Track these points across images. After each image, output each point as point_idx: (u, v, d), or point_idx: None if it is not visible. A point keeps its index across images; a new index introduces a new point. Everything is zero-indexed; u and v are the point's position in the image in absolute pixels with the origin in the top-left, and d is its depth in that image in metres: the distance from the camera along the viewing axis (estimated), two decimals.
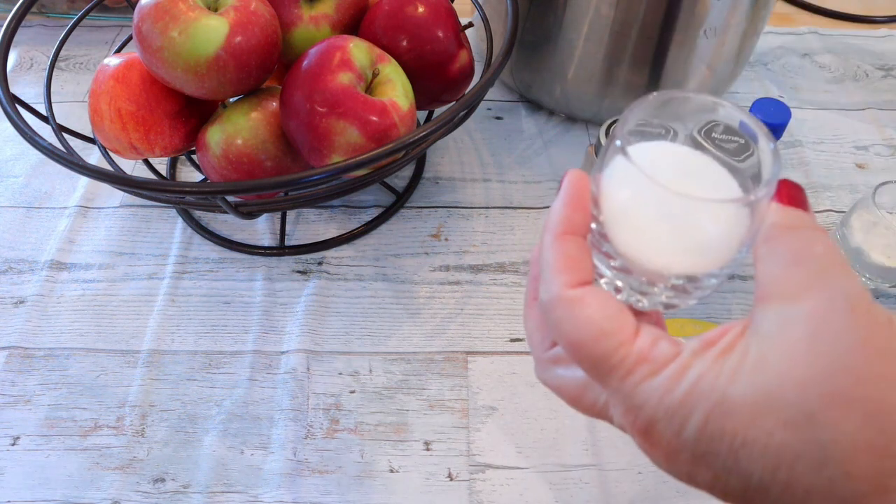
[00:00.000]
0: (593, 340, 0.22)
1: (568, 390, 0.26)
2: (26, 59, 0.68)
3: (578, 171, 0.24)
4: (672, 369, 0.21)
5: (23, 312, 0.48)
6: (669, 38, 0.53)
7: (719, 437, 0.20)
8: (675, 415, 0.20)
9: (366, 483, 0.41)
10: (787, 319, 0.20)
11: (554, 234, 0.24)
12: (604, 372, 0.22)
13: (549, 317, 0.23)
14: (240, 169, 0.45)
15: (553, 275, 0.23)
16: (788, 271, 0.21)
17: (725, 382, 0.20)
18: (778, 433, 0.19)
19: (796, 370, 0.19)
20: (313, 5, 0.47)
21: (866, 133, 0.62)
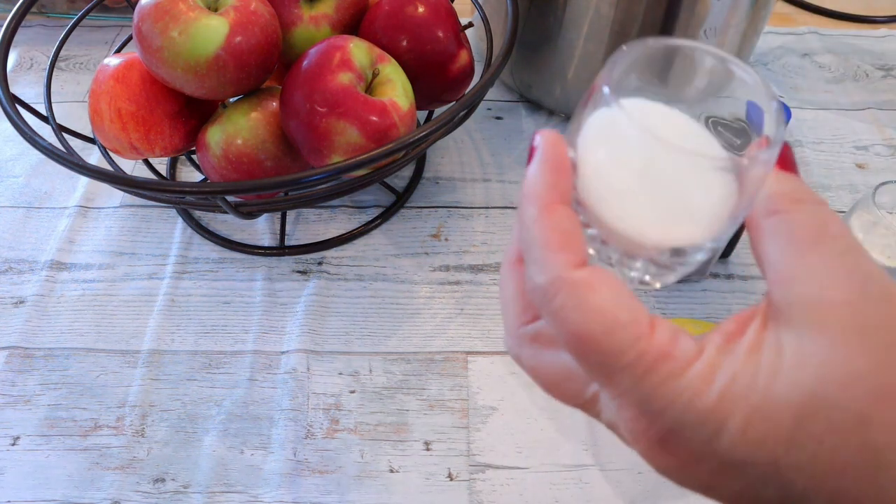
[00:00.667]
0: (606, 332, 0.19)
1: (547, 374, 0.23)
2: (26, 59, 0.68)
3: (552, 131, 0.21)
4: (699, 368, 0.18)
5: (23, 312, 0.48)
6: None
7: (759, 445, 0.18)
8: (707, 420, 0.18)
9: (366, 483, 0.41)
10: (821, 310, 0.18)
11: (540, 205, 0.20)
12: (615, 369, 0.19)
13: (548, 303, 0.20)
14: (240, 169, 0.45)
15: (549, 253, 0.20)
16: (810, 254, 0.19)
17: (765, 384, 0.18)
18: (828, 438, 0.17)
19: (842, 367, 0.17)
20: (313, 5, 0.47)
21: (866, 133, 0.63)
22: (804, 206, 0.20)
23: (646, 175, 0.20)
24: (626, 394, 0.19)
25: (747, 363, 0.18)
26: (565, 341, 0.20)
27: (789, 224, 0.19)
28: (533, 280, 0.20)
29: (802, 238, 0.19)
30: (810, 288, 0.18)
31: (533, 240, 0.20)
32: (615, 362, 0.19)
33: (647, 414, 0.19)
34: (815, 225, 0.19)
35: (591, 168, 0.21)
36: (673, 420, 0.18)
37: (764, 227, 0.20)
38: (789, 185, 0.20)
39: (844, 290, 0.18)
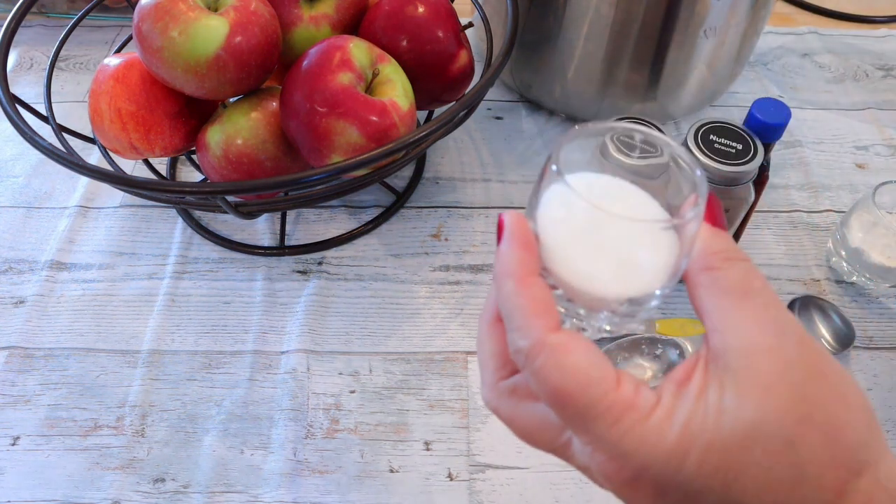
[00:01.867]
0: (581, 389, 0.22)
1: (523, 423, 0.26)
2: (26, 59, 0.68)
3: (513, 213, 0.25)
4: (659, 415, 0.21)
5: (23, 312, 0.48)
6: (669, 38, 0.53)
7: (713, 474, 0.21)
8: (670, 458, 0.21)
9: (366, 483, 0.41)
10: (752, 355, 0.21)
11: (517, 279, 0.23)
12: (588, 419, 0.22)
13: (530, 364, 0.23)
14: (240, 169, 0.45)
15: (529, 320, 0.23)
16: (738, 308, 0.22)
17: (713, 422, 0.21)
18: (765, 461, 0.20)
19: (773, 402, 0.21)
20: (313, 5, 0.47)
21: (866, 133, 0.63)
22: (733, 264, 0.23)
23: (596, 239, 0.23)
24: (599, 440, 0.22)
25: (697, 406, 0.21)
26: (545, 396, 0.23)
27: (721, 280, 0.23)
28: (516, 344, 0.23)
29: (731, 292, 0.22)
30: (741, 337, 0.22)
31: (514, 309, 0.23)
32: (588, 414, 0.22)
33: (618, 457, 0.22)
34: (742, 281, 0.23)
35: (551, 238, 0.24)
36: (641, 460, 0.21)
37: (699, 282, 0.23)
38: (720, 243, 0.24)
39: (770, 338, 0.22)
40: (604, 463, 0.22)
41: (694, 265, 0.24)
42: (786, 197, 0.57)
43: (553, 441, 0.25)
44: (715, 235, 0.24)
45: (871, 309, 0.50)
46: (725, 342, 0.22)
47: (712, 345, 0.22)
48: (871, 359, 0.47)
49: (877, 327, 0.49)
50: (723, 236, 0.24)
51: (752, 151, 0.43)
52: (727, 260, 0.23)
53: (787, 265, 0.52)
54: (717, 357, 0.22)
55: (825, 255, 0.53)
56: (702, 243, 0.24)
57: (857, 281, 0.50)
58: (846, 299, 0.50)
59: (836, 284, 0.51)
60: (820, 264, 0.52)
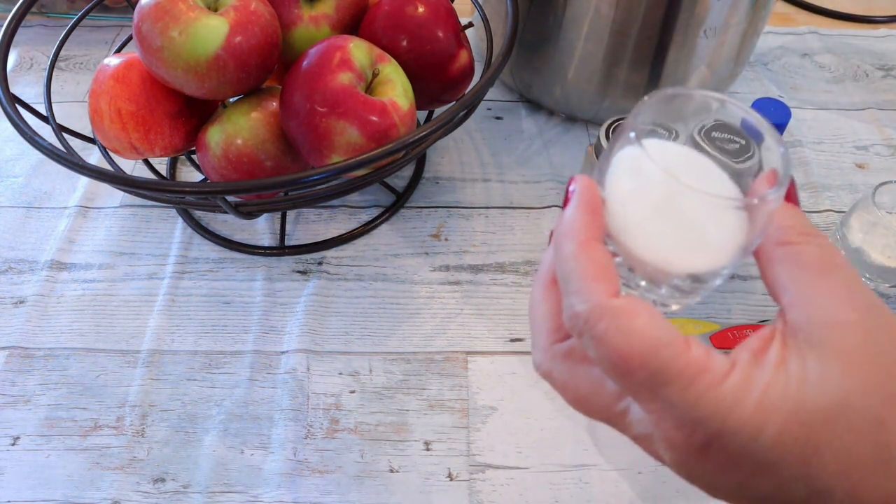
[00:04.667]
0: (650, 351, 0.21)
1: (577, 389, 0.24)
2: (26, 59, 0.68)
3: (586, 177, 0.24)
4: (736, 380, 0.20)
5: (23, 312, 0.48)
6: (669, 38, 0.53)
7: (792, 446, 0.20)
8: (747, 424, 0.20)
9: (366, 483, 0.41)
10: (836, 330, 0.21)
11: (578, 242, 0.23)
12: (658, 384, 0.21)
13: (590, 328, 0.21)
14: (240, 169, 0.45)
15: (589, 284, 0.22)
16: (820, 282, 0.21)
17: (795, 393, 0.20)
18: (848, 438, 0.20)
19: (859, 377, 0.20)
20: (313, 5, 0.47)
21: (866, 133, 0.63)
22: (811, 239, 0.22)
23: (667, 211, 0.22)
24: (669, 406, 0.21)
25: (777, 375, 0.20)
26: (608, 362, 0.21)
27: (799, 254, 0.22)
28: (574, 308, 0.22)
29: (812, 267, 0.22)
30: (824, 311, 0.21)
31: (572, 272, 0.22)
32: (659, 378, 0.21)
33: (690, 423, 0.21)
34: (823, 256, 0.22)
35: (619, 204, 0.23)
36: (716, 426, 0.20)
37: (775, 256, 0.22)
38: (796, 219, 0.23)
39: (854, 313, 0.21)
40: (671, 430, 0.21)
41: (769, 240, 0.23)
42: None
43: (609, 408, 0.24)
44: (790, 210, 0.23)
45: None
46: (808, 316, 0.21)
47: (791, 318, 0.21)
48: None
49: None
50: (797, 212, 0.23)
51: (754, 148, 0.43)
52: (805, 235, 0.22)
53: None
54: (798, 331, 0.21)
55: None
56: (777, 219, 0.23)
57: None
58: None
59: None
60: None
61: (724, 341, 0.45)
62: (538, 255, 0.52)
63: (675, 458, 0.22)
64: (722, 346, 0.45)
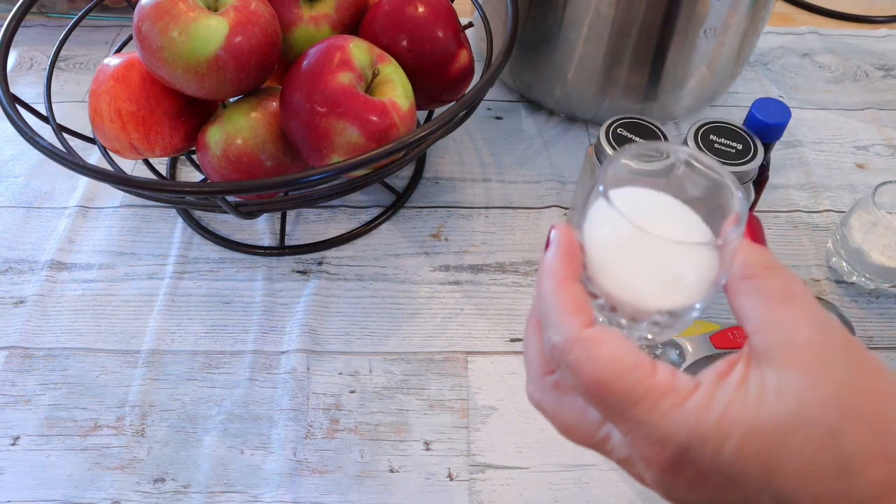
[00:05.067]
0: (617, 375, 0.22)
1: (565, 417, 0.26)
2: (26, 59, 0.68)
3: (563, 225, 0.26)
4: (699, 398, 0.22)
5: (23, 312, 0.48)
6: (669, 38, 0.53)
7: (754, 458, 0.21)
8: (710, 439, 0.21)
9: (366, 483, 0.41)
10: (793, 350, 0.22)
11: (556, 281, 0.25)
12: (627, 405, 0.22)
13: (564, 358, 0.23)
14: (240, 169, 0.45)
15: (564, 317, 0.24)
16: (780, 309, 0.23)
17: (754, 407, 0.21)
18: (807, 449, 0.20)
19: (814, 392, 0.21)
20: (313, 5, 0.47)
21: (866, 133, 0.63)
22: (773, 272, 0.24)
23: (639, 255, 0.24)
24: (639, 426, 0.22)
25: (738, 393, 0.22)
26: (582, 389, 0.23)
27: (762, 286, 0.24)
28: (551, 340, 0.24)
29: (773, 296, 0.23)
30: (783, 334, 0.22)
31: (550, 307, 0.24)
32: (627, 400, 0.22)
33: (659, 440, 0.22)
34: (782, 286, 0.24)
35: (595, 250, 0.26)
36: (681, 441, 0.21)
37: (740, 289, 0.24)
38: (759, 255, 0.25)
39: (810, 334, 0.22)
40: (644, 448, 0.22)
41: (734, 275, 0.25)
42: (786, 197, 0.57)
43: (592, 435, 0.25)
44: (754, 248, 0.25)
45: (871, 309, 0.50)
46: (768, 340, 0.22)
47: (754, 344, 0.23)
48: None
49: (877, 327, 0.49)
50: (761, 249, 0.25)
51: (752, 151, 0.43)
52: (766, 269, 0.24)
53: (786, 265, 0.52)
54: (759, 354, 0.22)
55: (825, 255, 0.53)
56: (742, 256, 0.25)
57: (857, 281, 0.50)
58: (846, 299, 0.50)
59: (836, 284, 0.51)
60: (820, 264, 0.52)
61: (724, 341, 0.45)
62: (538, 255, 0.52)
63: (653, 476, 0.23)
64: (722, 346, 0.45)
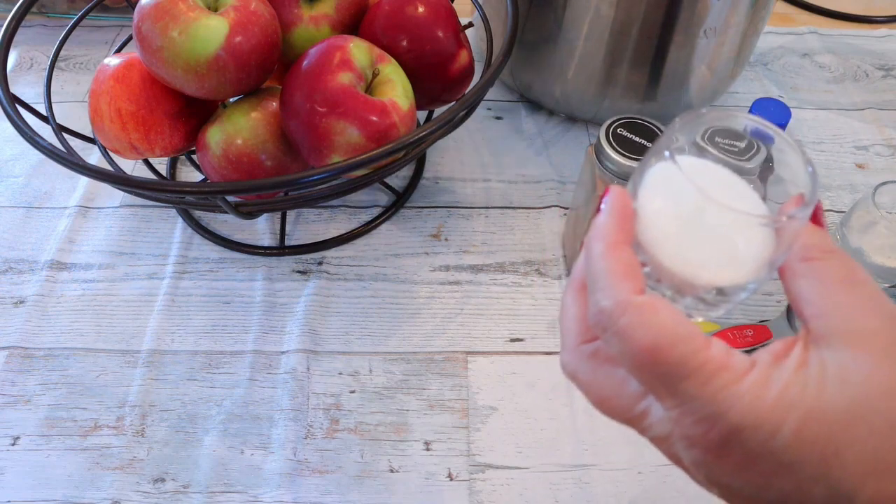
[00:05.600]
0: (670, 345, 0.21)
1: (601, 388, 0.25)
2: (26, 59, 0.68)
3: (619, 188, 0.25)
4: (755, 377, 0.21)
5: (23, 312, 0.48)
6: (669, 38, 0.53)
7: (811, 445, 0.20)
8: (765, 421, 0.20)
9: (366, 483, 0.41)
10: (858, 336, 0.21)
11: (607, 244, 0.24)
12: (679, 378, 0.21)
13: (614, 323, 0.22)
14: (240, 169, 0.45)
15: (616, 281, 0.23)
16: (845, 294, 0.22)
17: (815, 391, 0.20)
18: (870, 440, 0.20)
19: (879, 381, 0.20)
20: (313, 5, 0.47)
21: (866, 133, 0.63)
22: (834, 256, 0.23)
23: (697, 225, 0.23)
24: (689, 401, 0.21)
25: (797, 375, 0.21)
26: (631, 357, 0.22)
27: (823, 270, 0.23)
28: (599, 304, 0.23)
29: (835, 281, 0.22)
30: (846, 320, 0.21)
31: (600, 270, 0.23)
32: (679, 371, 0.21)
33: (709, 418, 0.21)
34: (846, 271, 0.23)
35: (650, 216, 0.24)
36: (734, 421, 0.20)
37: (799, 271, 0.23)
38: (820, 237, 0.24)
39: (876, 321, 0.21)
40: (690, 426, 0.21)
41: (793, 256, 0.24)
42: (786, 197, 0.57)
43: (629, 409, 0.24)
44: (814, 230, 0.24)
45: None
46: (829, 325, 0.22)
47: (814, 328, 0.22)
48: None
49: None
50: (821, 231, 0.24)
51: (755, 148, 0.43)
52: (827, 252, 0.23)
53: None
54: (820, 339, 0.22)
55: None
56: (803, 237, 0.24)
57: None
58: None
59: None
60: None
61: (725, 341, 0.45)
62: (538, 255, 0.52)
63: (694, 456, 0.22)
64: None
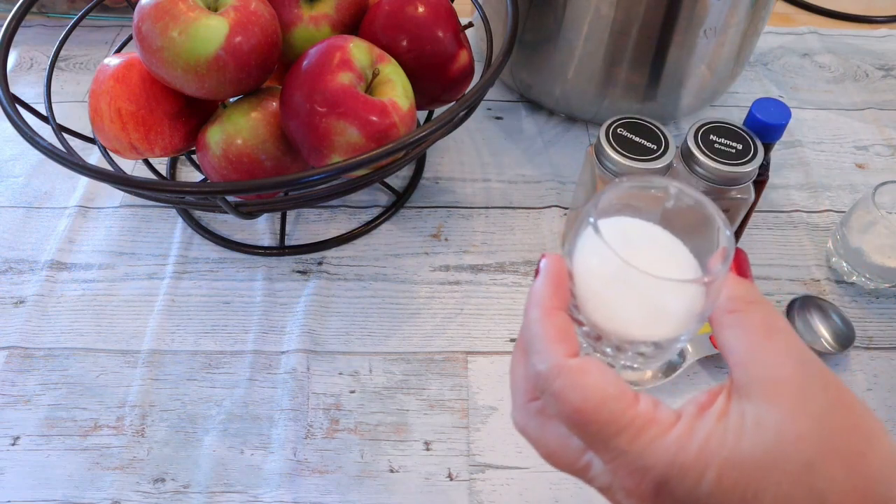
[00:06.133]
0: (600, 404, 0.23)
1: (548, 443, 0.26)
2: (26, 59, 0.68)
3: (555, 255, 0.27)
4: (680, 430, 0.22)
5: (23, 312, 0.48)
6: (669, 38, 0.53)
7: (732, 491, 0.21)
8: (689, 470, 0.21)
9: (366, 483, 0.41)
10: (773, 386, 0.22)
11: (542, 309, 0.25)
12: (610, 435, 0.22)
13: (549, 386, 0.24)
14: (240, 169, 0.45)
15: (549, 345, 0.24)
16: (764, 344, 0.23)
17: (733, 441, 0.22)
18: (784, 484, 0.21)
19: (792, 428, 0.21)
20: (313, 5, 0.47)
21: (866, 133, 0.63)
22: (756, 307, 0.25)
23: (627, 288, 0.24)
24: (620, 455, 0.23)
25: (717, 426, 0.22)
26: (565, 417, 0.23)
27: (745, 321, 0.24)
28: (535, 367, 0.24)
29: (756, 331, 0.24)
30: (764, 370, 0.23)
31: (536, 335, 0.25)
32: (609, 429, 0.23)
33: (640, 470, 0.22)
34: (766, 321, 0.24)
35: (584, 281, 0.26)
36: (661, 472, 0.22)
37: (724, 322, 0.25)
38: (743, 289, 0.25)
39: (789, 370, 0.23)
40: (625, 478, 0.23)
41: (719, 308, 0.25)
42: (786, 197, 0.57)
43: (574, 462, 0.25)
44: (739, 282, 0.25)
45: (871, 309, 0.50)
46: (749, 374, 0.23)
47: (736, 378, 0.23)
48: (871, 359, 0.47)
49: (877, 327, 0.49)
50: (746, 283, 0.25)
51: (753, 151, 0.43)
52: (751, 303, 0.25)
53: (786, 265, 0.52)
54: (741, 388, 0.23)
55: (825, 255, 0.53)
56: (727, 290, 0.25)
57: (857, 281, 0.50)
58: (846, 299, 0.50)
59: (836, 284, 0.51)
60: (820, 264, 0.52)
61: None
62: (538, 255, 0.52)
63: None
64: None
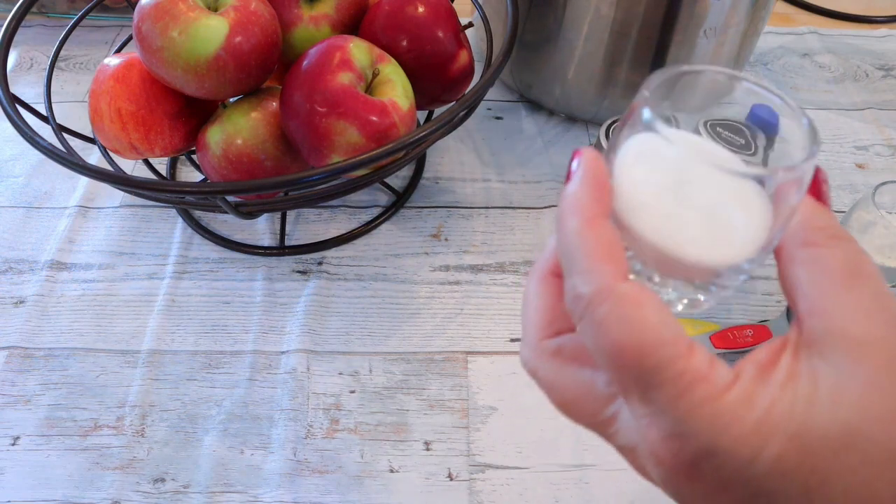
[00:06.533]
0: (648, 347, 0.18)
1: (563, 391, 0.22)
2: (26, 59, 0.68)
3: (591, 149, 0.21)
4: (737, 395, 0.18)
5: (23, 312, 0.48)
6: (669, 38, 0.53)
7: (793, 474, 0.18)
8: (744, 445, 0.18)
9: (366, 483, 0.41)
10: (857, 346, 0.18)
11: (584, 218, 0.20)
12: (652, 385, 0.19)
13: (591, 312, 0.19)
14: (240, 169, 0.45)
15: (596, 263, 0.19)
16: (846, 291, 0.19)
17: (802, 414, 0.18)
18: (862, 472, 0.17)
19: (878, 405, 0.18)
20: (313, 5, 0.47)
21: (866, 133, 0.63)
22: (840, 243, 0.20)
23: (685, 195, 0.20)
24: (660, 412, 0.19)
25: (784, 393, 0.18)
26: (603, 351, 0.19)
27: (825, 259, 0.20)
28: (576, 290, 0.20)
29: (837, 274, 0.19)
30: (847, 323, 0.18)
31: (577, 250, 0.20)
32: (653, 378, 0.18)
33: (680, 435, 0.18)
34: (851, 263, 0.19)
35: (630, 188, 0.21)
36: (708, 443, 0.18)
37: (797, 257, 0.20)
38: (824, 219, 0.20)
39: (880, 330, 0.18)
40: (659, 442, 0.19)
41: (791, 239, 0.20)
42: None
43: (596, 414, 0.22)
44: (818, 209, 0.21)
45: None
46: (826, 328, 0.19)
47: (807, 329, 0.19)
48: None
49: None
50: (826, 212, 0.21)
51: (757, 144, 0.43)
52: (833, 238, 0.20)
53: None
54: (813, 343, 0.19)
55: None
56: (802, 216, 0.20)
57: None
58: None
59: None
60: None
61: (724, 341, 0.45)
62: (538, 255, 0.52)
63: (662, 473, 0.20)
64: (722, 347, 0.45)
